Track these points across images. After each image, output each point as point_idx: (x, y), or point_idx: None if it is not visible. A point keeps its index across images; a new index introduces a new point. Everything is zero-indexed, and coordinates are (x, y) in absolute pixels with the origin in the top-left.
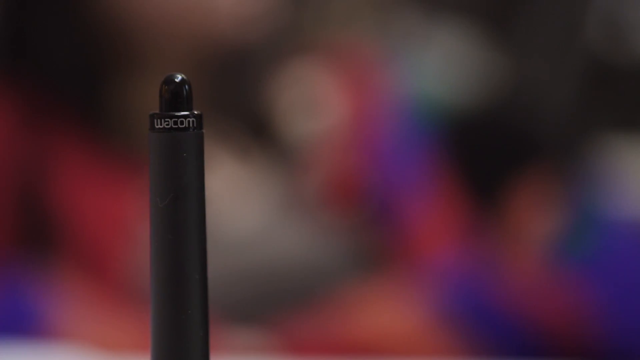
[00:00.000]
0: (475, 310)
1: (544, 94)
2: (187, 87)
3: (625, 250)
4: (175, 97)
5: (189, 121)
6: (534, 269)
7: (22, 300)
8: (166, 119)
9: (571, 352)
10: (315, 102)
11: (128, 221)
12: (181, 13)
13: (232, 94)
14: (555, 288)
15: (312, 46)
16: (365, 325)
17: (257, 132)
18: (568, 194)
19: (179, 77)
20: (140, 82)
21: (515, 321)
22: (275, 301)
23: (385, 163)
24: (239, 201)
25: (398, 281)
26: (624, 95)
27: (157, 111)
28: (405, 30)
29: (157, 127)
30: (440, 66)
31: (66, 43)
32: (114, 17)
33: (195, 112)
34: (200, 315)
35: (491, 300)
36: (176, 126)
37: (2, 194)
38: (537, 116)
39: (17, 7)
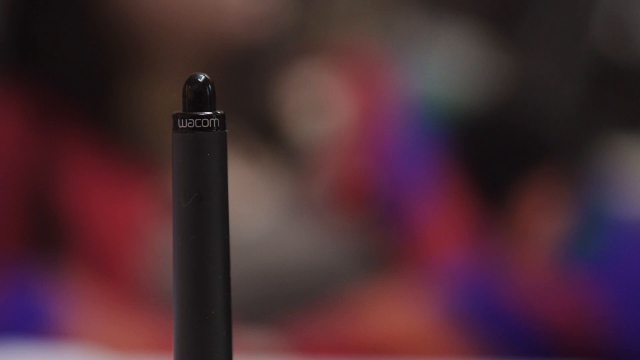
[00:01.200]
0: (484, 311)
1: (549, 94)
2: (210, 87)
3: (633, 250)
4: (198, 97)
5: (212, 121)
6: (542, 269)
7: (31, 300)
8: (189, 119)
9: (580, 352)
10: (323, 104)
11: (137, 222)
12: (189, 14)
13: (240, 95)
14: (564, 288)
15: (319, 47)
16: (374, 325)
17: (265, 133)
18: (575, 194)
19: (202, 77)
20: (149, 83)
21: (523, 321)
22: (285, 302)
23: (392, 164)
24: (247, 203)
25: (406, 282)
26: (630, 95)
27: (174, 112)
28: (410, 30)
29: (180, 127)
30: (445, 66)
31: (75, 45)
32: (122, 19)
33: (219, 112)
34: (223, 315)
35: (499, 301)
36: (199, 126)
37: (12, 195)
38: (543, 116)
39: (26, 8)
